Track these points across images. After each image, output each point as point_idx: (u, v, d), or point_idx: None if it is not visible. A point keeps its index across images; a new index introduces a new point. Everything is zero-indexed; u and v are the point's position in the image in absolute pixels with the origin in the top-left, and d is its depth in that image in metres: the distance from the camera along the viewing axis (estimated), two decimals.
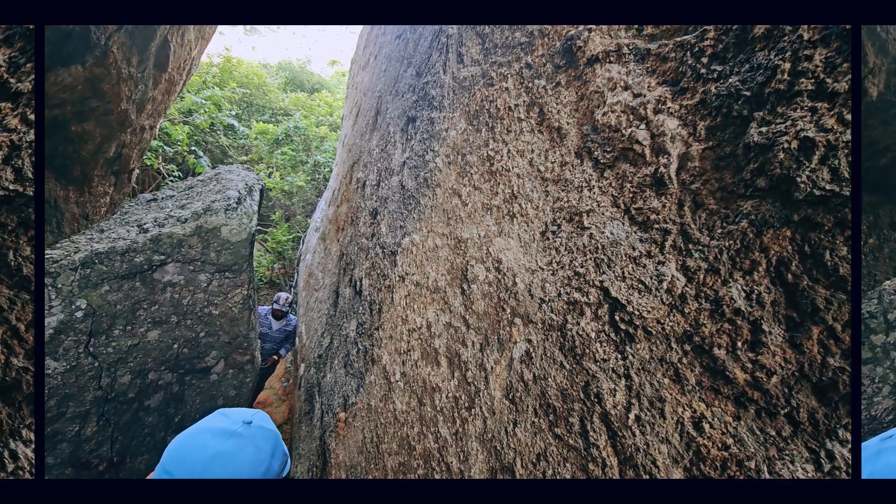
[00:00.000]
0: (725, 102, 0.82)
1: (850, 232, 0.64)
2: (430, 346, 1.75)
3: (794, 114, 0.70)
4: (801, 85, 0.70)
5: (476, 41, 1.92)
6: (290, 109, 10.25)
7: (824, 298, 0.67)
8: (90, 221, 4.94)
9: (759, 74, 0.76)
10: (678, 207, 0.90)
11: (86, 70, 3.82)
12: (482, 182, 1.67)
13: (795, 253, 0.71)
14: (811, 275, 0.69)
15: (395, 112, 3.10)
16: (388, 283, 2.25)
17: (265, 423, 0.92)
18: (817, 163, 0.67)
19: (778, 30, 0.75)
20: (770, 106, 0.74)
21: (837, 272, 0.66)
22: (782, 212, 0.72)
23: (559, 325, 1.18)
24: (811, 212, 0.69)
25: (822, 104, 0.67)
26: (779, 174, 0.72)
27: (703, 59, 0.88)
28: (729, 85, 0.81)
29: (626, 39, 1.09)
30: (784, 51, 0.73)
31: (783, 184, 0.72)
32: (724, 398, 0.79)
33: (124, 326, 2.82)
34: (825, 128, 0.66)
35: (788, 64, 0.72)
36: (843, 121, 0.65)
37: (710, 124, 0.85)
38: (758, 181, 0.75)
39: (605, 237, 1.07)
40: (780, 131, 0.72)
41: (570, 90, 1.28)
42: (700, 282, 0.84)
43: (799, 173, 0.69)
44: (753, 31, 0.79)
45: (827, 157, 0.66)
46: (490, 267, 1.52)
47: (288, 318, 5.01)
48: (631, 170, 1.03)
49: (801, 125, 0.69)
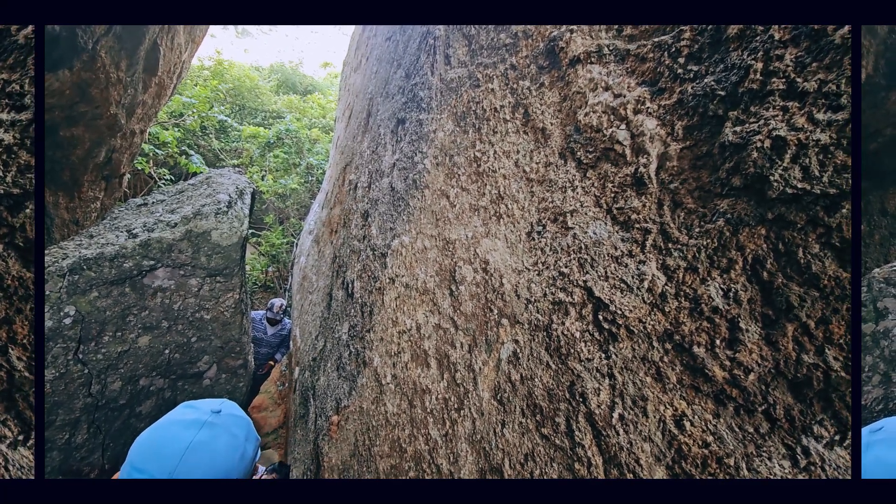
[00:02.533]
0: (701, 102, 0.82)
1: (822, 230, 0.65)
2: (419, 347, 1.75)
3: (767, 113, 0.71)
4: (772, 84, 0.71)
5: (463, 43, 1.92)
6: (282, 112, 10.22)
7: (798, 296, 0.67)
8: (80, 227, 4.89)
9: (732, 74, 0.77)
10: (658, 207, 0.91)
11: (73, 74, 3.79)
12: (469, 183, 1.67)
13: (770, 251, 0.71)
14: (785, 272, 0.69)
15: (386, 114, 3.10)
16: (379, 286, 2.25)
17: (234, 410, 0.93)
18: (789, 161, 0.68)
19: (750, 30, 0.75)
20: (744, 105, 0.75)
21: (810, 269, 0.66)
22: (757, 210, 0.73)
23: (545, 325, 1.18)
24: (784, 210, 0.69)
25: (793, 103, 0.68)
26: (753, 173, 0.72)
27: (679, 59, 0.88)
28: (704, 85, 0.82)
29: (607, 40, 1.09)
30: (756, 51, 0.74)
31: (757, 182, 0.72)
32: (704, 396, 0.79)
33: (114, 332, 2.79)
34: (796, 127, 0.67)
35: (760, 64, 0.73)
36: (813, 120, 0.65)
37: (687, 124, 0.86)
38: (733, 180, 0.76)
39: (589, 237, 1.08)
40: (753, 130, 0.72)
41: (553, 91, 1.29)
42: (679, 280, 0.85)
43: (772, 172, 0.70)
44: (727, 31, 0.79)
45: (798, 156, 0.67)
46: (478, 268, 1.52)
47: (283, 323, 4.97)
48: (612, 170, 1.03)
49: (774, 124, 0.70)
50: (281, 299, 4.94)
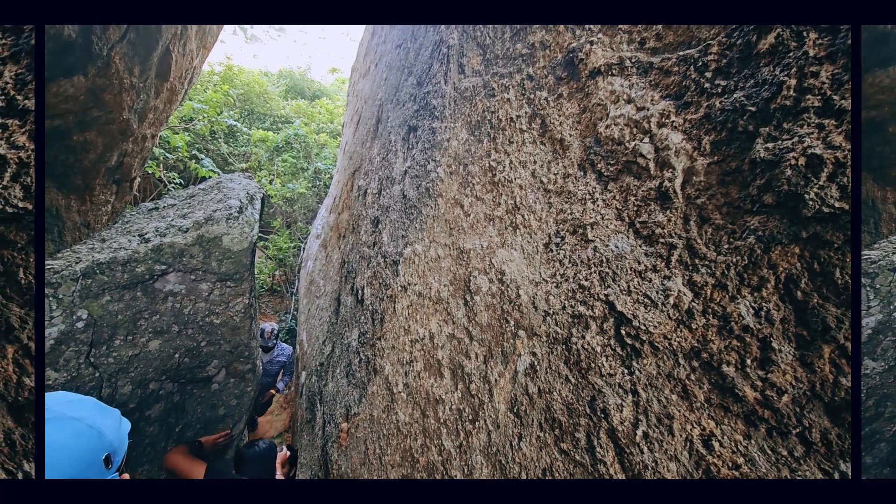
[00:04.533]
0: (730, 117, 0.81)
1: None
2: (432, 357, 1.74)
3: (801, 130, 0.70)
4: (807, 101, 0.70)
5: (477, 52, 1.93)
6: (290, 117, 10.29)
7: (835, 317, 0.66)
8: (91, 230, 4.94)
9: (764, 90, 0.76)
10: (684, 222, 0.90)
11: (88, 80, 3.84)
12: (484, 192, 1.67)
13: (805, 270, 0.70)
14: (821, 293, 0.68)
15: (397, 121, 3.10)
16: (391, 293, 2.24)
17: (66, 398, 0.97)
18: (826, 180, 0.66)
19: (783, 45, 0.74)
20: (776, 122, 0.74)
21: (848, 291, 0.65)
22: (790, 228, 0.71)
23: (564, 338, 1.17)
24: (820, 229, 0.68)
25: (830, 121, 0.67)
26: (786, 191, 0.71)
27: (706, 73, 0.88)
28: (734, 100, 0.81)
29: (629, 52, 1.09)
30: (789, 67, 0.73)
31: (791, 200, 0.71)
32: (734, 416, 0.78)
33: (125, 336, 2.81)
34: (833, 145, 0.66)
35: (794, 80, 0.72)
36: (850, 138, 0.64)
37: (715, 139, 0.85)
38: (765, 197, 0.75)
39: (610, 250, 1.07)
40: (786, 147, 0.71)
41: (572, 102, 1.28)
42: (707, 297, 0.84)
43: (807, 190, 0.68)
44: (758, 46, 0.79)
45: (836, 175, 0.65)
46: (493, 278, 1.51)
47: (279, 348, 4.77)
48: (635, 183, 1.02)
49: (809, 142, 0.69)
50: (272, 324, 4.81)
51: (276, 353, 4.82)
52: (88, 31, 3.65)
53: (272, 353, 4.78)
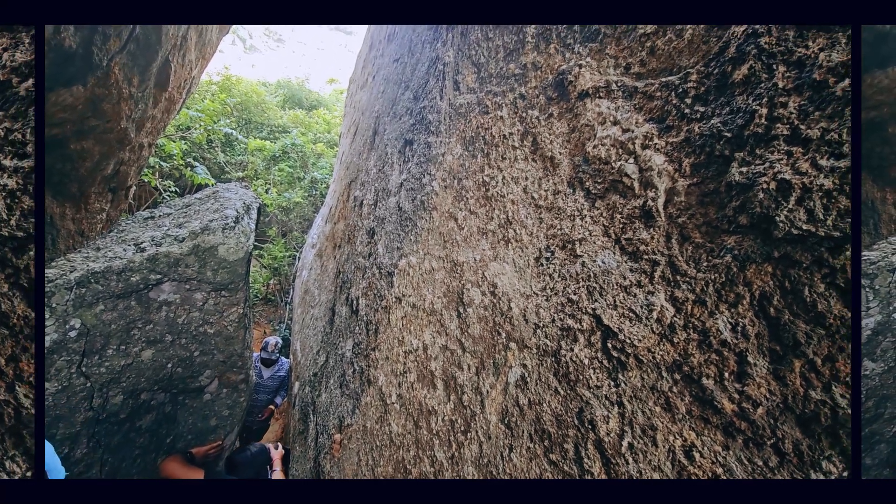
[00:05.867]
0: (708, 142, 0.86)
1: (826, 270, 0.68)
2: (426, 368, 1.76)
3: (772, 156, 0.75)
4: (777, 129, 0.74)
5: (472, 70, 1.98)
6: (288, 126, 10.36)
7: (805, 333, 0.70)
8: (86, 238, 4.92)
9: (738, 117, 0.81)
10: (666, 240, 0.94)
11: (87, 90, 3.87)
12: (478, 207, 1.71)
13: (777, 288, 0.74)
14: (792, 310, 0.72)
15: (393, 134, 3.16)
16: (385, 304, 2.27)
17: None
18: (794, 204, 0.71)
19: (755, 76, 0.79)
20: (749, 147, 0.78)
21: (816, 308, 0.69)
22: (763, 248, 0.75)
23: (553, 350, 1.20)
24: (790, 249, 0.72)
25: (797, 148, 0.71)
26: (759, 213, 0.75)
27: (686, 99, 0.93)
28: (711, 126, 0.86)
29: (615, 77, 1.14)
30: (761, 97, 0.77)
31: (763, 222, 0.75)
32: (714, 427, 0.81)
33: (118, 346, 2.80)
34: (800, 171, 0.70)
35: (765, 109, 0.76)
36: (816, 165, 0.69)
37: (694, 161, 0.89)
38: (740, 218, 0.79)
39: (597, 266, 1.10)
40: (759, 172, 0.76)
41: (562, 122, 1.33)
42: (688, 313, 0.87)
43: (778, 213, 0.73)
44: (733, 76, 0.84)
45: (803, 199, 0.70)
46: (486, 291, 1.54)
47: (280, 363, 4.67)
48: (621, 201, 1.07)
49: (779, 167, 0.73)
50: (276, 337, 4.77)
51: (277, 368, 4.74)
52: (89, 42, 3.69)
53: (274, 367, 4.70)
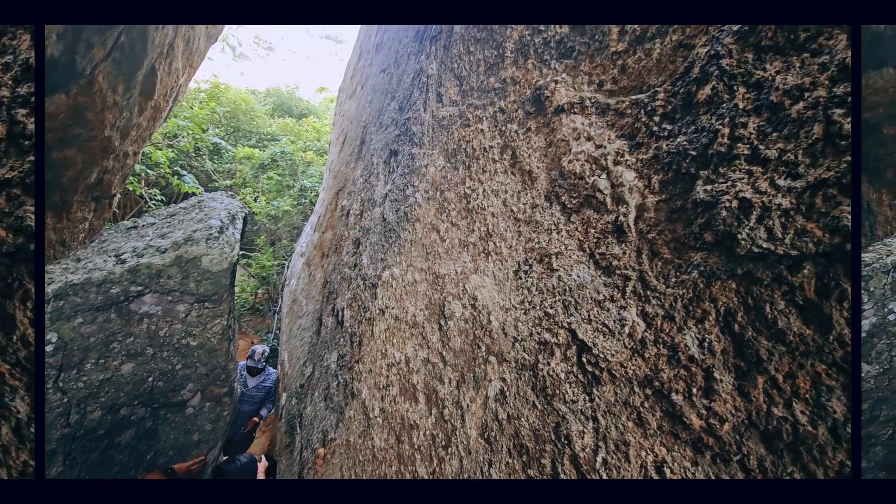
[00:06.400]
0: (675, 160, 0.88)
1: (786, 288, 0.69)
2: (408, 381, 1.75)
3: (734, 175, 0.76)
4: (738, 149, 0.76)
5: (454, 83, 2.00)
6: (277, 134, 10.33)
7: (767, 350, 0.71)
8: (67, 248, 4.83)
9: (703, 136, 0.82)
10: (637, 255, 0.95)
11: (70, 98, 3.82)
12: (459, 219, 1.72)
13: (741, 305, 0.75)
14: (755, 326, 0.73)
15: (379, 144, 3.17)
16: (369, 316, 2.25)
17: None
18: (755, 222, 0.72)
19: (717, 97, 0.81)
20: (713, 166, 0.80)
21: (777, 325, 0.70)
22: (727, 265, 0.77)
23: (531, 364, 1.20)
24: (752, 267, 0.73)
25: (757, 168, 0.73)
26: (722, 230, 0.77)
27: (655, 117, 0.94)
28: (678, 144, 0.87)
29: (589, 93, 1.16)
30: (723, 116, 0.79)
31: (727, 239, 0.77)
32: (683, 443, 0.81)
33: (97, 360, 2.74)
34: (760, 190, 0.72)
35: (727, 129, 0.78)
36: (775, 185, 0.70)
37: (662, 178, 0.91)
38: (705, 235, 0.80)
39: (573, 280, 1.11)
40: (722, 190, 0.77)
41: (539, 136, 1.35)
42: (658, 328, 0.88)
43: (739, 231, 0.74)
44: (697, 95, 0.85)
45: (763, 218, 0.71)
46: (466, 304, 1.54)
47: (266, 373, 4.54)
48: (595, 216, 1.08)
49: (740, 186, 0.75)
50: (264, 346, 4.68)
51: (262, 378, 4.62)
52: (72, 51, 3.65)
53: (260, 376, 4.59)
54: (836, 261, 0.63)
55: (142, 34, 4.42)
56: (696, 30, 0.89)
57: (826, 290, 0.64)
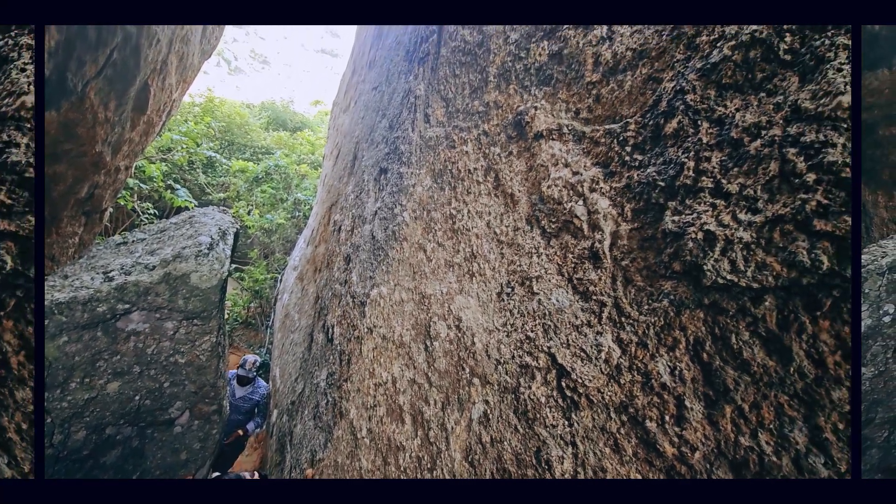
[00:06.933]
0: (646, 190, 0.90)
1: (750, 319, 0.71)
2: (395, 402, 1.74)
3: (699, 207, 0.78)
4: (703, 182, 0.78)
5: (441, 104, 2.04)
6: (271, 148, 10.37)
7: (733, 379, 0.72)
8: (56, 263, 4.79)
9: (670, 168, 0.85)
10: (612, 281, 0.96)
11: (60, 115, 3.83)
12: (445, 239, 1.73)
13: (708, 334, 0.76)
14: (721, 356, 0.74)
15: (370, 161, 3.19)
16: (357, 334, 2.25)
17: None
18: (719, 254, 0.74)
19: (683, 130, 0.84)
20: (680, 198, 0.82)
21: (742, 355, 0.71)
22: (695, 295, 0.78)
23: (513, 387, 1.21)
24: (718, 297, 0.75)
25: (720, 202, 0.75)
26: (689, 261, 0.79)
27: (626, 147, 0.97)
28: (648, 174, 0.90)
29: (566, 120, 1.19)
30: (689, 150, 0.82)
31: (694, 270, 0.78)
32: (657, 470, 0.82)
33: (82, 379, 2.70)
34: (723, 223, 0.74)
35: (692, 162, 0.81)
36: (736, 218, 0.72)
37: (634, 207, 0.93)
38: (674, 265, 0.82)
39: (552, 304, 1.12)
40: (688, 222, 0.79)
41: (521, 160, 1.37)
42: (632, 354, 0.89)
43: (705, 262, 0.76)
44: (665, 128, 0.88)
45: (726, 250, 0.73)
46: (451, 325, 1.55)
47: (255, 385, 4.40)
48: (572, 241, 1.10)
49: (705, 219, 0.77)
50: (255, 356, 4.59)
51: (252, 389, 4.52)
52: (63, 68, 3.67)
53: (249, 387, 4.48)
54: (795, 294, 0.64)
55: (135, 51, 4.46)
56: (663, 64, 0.92)
57: (786, 323, 0.66)
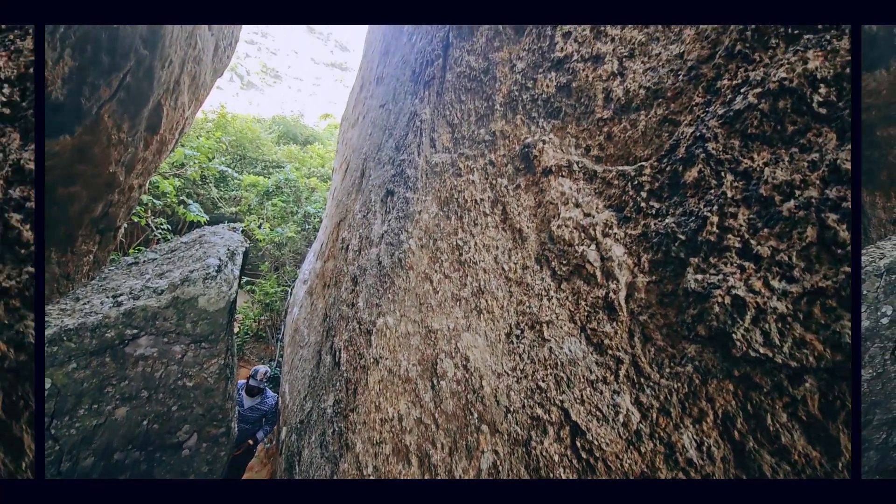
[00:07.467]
0: (664, 241, 0.83)
1: (787, 399, 0.63)
2: (401, 441, 1.68)
3: (725, 268, 0.71)
4: (728, 240, 0.71)
5: (447, 129, 1.99)
6: (282, 162, 10.48)
7: (770, 466, 0.64)
8: (71, 281, 4.85)
9: (691, 221, 0.78)
10: (629, 336, 0.89)
11: (75, 139, 3.89)
12: (452, 271, 1.67)
13: (739, 409, 0.69)
14: (755, 436, 0.67)
15: (377, 181, 3.17)
16: (363, 364, 2.20)
17: None
18: (750, 323, 0.67)
19: (705, 181, 0.77)
20: (703, 255, 0.75)
21: (780, 440, 0.64)
22: (723, 364, 0.71)
23: (524, 440, 1.13)
24: (750, 370, 0.68)
25: (749, 264, 0.68)
26: (716, 327, 0.71)
27: (642, 192, 0.90)
28: (666, 225, 0.83)
29: (576, 157, 1.12)
30: (711, 203, 0.75)
31: (721, 336, 0.71)
32: None
33: (90, 405, 2.69)
34: (754, 290, 0.67)
35: (716, 217, 0.74)
36: (769, 286, 0.65)
37: (652, 258, 0.86)
38: (698, 328, 0.75)
39: (564, 353, 1.06)
40: (713, 283, 0.72)
41: (529, 195, 1.31)
42: (653, 421, 0.82)
43: (734, 330, 0.69)
44: (684, 176, 0.81)
45: (758, 320, 0.66)
46: (458, 364, 1.48)
47: (265, 395, 4.51)
48: (585, 287, 1.03)
49: (732, 282, 0.70)
50: (266, 367, 4.66)
51: (260, 400, 4.59)
52: (77, 93, 3.72)
53: (258, 398, 4.55)
54: (840, 378, 0.57)
55: (147, 73, 4.53)
56: (680, 105, 0.85)
57: (831, 410, 0.58)
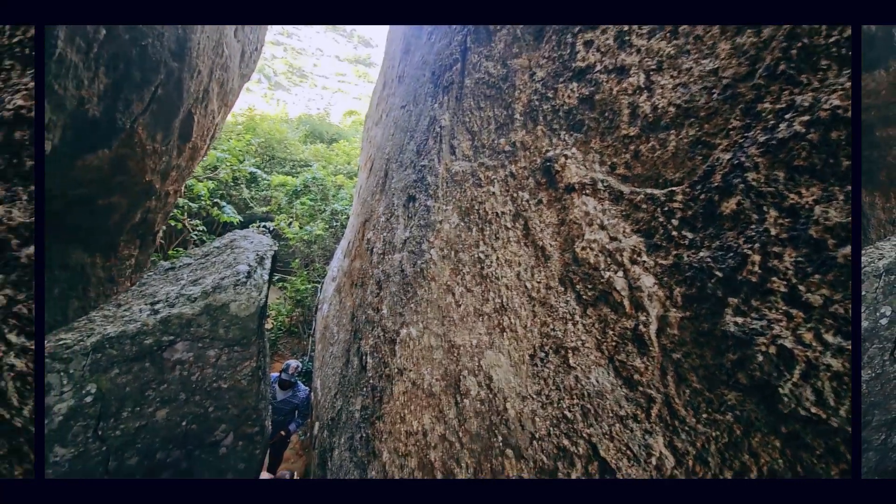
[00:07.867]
0: (699, 276, 0.76)
1: (845, 466, 0.56)
2: (426, 456, 1.67)
3: (770, 314, 0.64)
4: (773, 284, 0.64)
5: (466, 136, 1.94)
6: (309, 160, 10.66)
7: None
8: (115, 284, 5.13)
9: (729, 257, 0.71)
10: (661, 374, 0.83)
11: (112, 152, 4.07)
12: (474, 284, 1.64)
13: (788, 470, 0.63)
14: None
15: (400, 185, 3.15)
16: (388, 373, 2.20)
17: None
18: (799, 378, 0.60)
19: (744, 215, 0.70)
20: (744, 296, 0.68)
21: None
22: (769, 418, 0.65)
23: (550, 470, 1.09)
24: (799, 428, 0.61)
25: (798, 312, 0.61)
26: (759, 377, 0.65)
27: (673, 220, 0.83)
28: (701, 259, 0.76)
29: (601, 175, 1.06)
30: (753, 240, 0.68)
31: (765, 388, 0.65)
32: None
33: (133, 408, 2.84)
34: (804, 342, 0.60)
35: (758, 256, 0.67)
36: (821, 340, 0.58)
37: (686, 293, 0.80)
38: (738, 375, 0.69)
39: (591, 384, 1.00)
40: (756, 330, 0.66)
41: (551, 211, 1.25)
42: (690, 469, 0.76)
43: (781, 384, 0.62)
44: (721, 207, 0.74)
45: (809, 376, 0.59)
46: (482, 382, 1.45)
47: (296, 388, 4.70)
48: (612, 316, 0.97)
49: (778, 330, 0.63)
50: (297, 361, 4.82)
51: (291, 393, 4.76)
52: (112, 109, 3.87)
53: (289, 391, 4.73)
54: None
55: (177, 84, 4.66)
56: (715, 127, 0.78)
57: None
